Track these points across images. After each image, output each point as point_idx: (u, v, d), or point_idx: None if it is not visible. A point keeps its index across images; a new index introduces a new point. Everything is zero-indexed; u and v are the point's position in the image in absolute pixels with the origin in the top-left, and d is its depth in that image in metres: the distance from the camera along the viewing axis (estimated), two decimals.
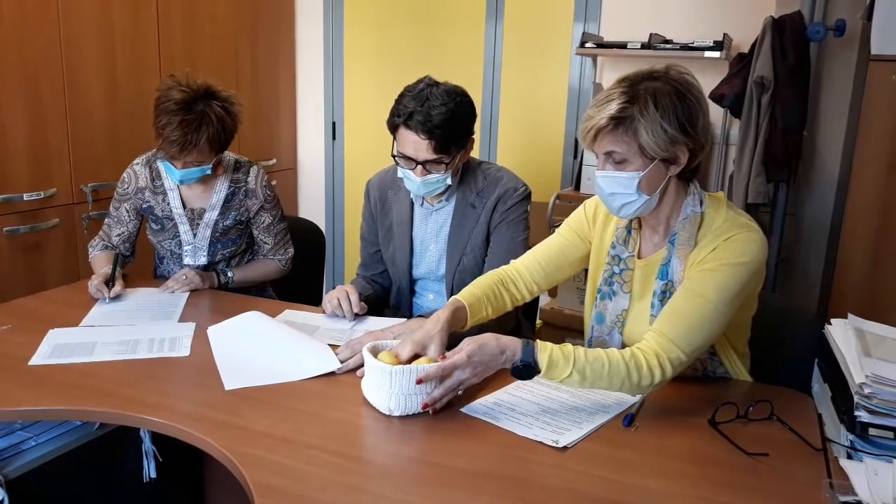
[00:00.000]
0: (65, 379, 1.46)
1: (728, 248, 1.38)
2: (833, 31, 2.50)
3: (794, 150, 2.58)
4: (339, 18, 3.88)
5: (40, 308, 1.89)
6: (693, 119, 1.36)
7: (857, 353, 1.25)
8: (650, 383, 1.32)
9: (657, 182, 1.41)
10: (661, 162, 1.38)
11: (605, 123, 1.36)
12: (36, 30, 2.55)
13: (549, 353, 1.29)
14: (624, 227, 1.56)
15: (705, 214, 1.45)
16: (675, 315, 1.37)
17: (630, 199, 1.41)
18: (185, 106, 1.90)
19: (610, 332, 1.57)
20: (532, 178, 2.08)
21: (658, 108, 1.34)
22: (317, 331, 1.75)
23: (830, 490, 1.09)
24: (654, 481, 1.15)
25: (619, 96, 1.36)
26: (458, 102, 1.74)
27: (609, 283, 1.57)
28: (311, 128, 4.07)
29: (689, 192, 1.47)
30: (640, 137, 1.35)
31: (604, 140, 1.39)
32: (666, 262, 1.46)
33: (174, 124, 1.88)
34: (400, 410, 1.30)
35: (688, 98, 1.36)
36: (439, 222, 1.92)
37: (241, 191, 2.13)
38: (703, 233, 1.44)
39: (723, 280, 1.37)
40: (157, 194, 2.12)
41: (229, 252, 2.18)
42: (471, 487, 1.12)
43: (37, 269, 2.65)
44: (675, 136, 1.35)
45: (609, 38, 3.16)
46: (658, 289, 1.47)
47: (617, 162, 1.39)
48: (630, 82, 1.39)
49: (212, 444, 1.23)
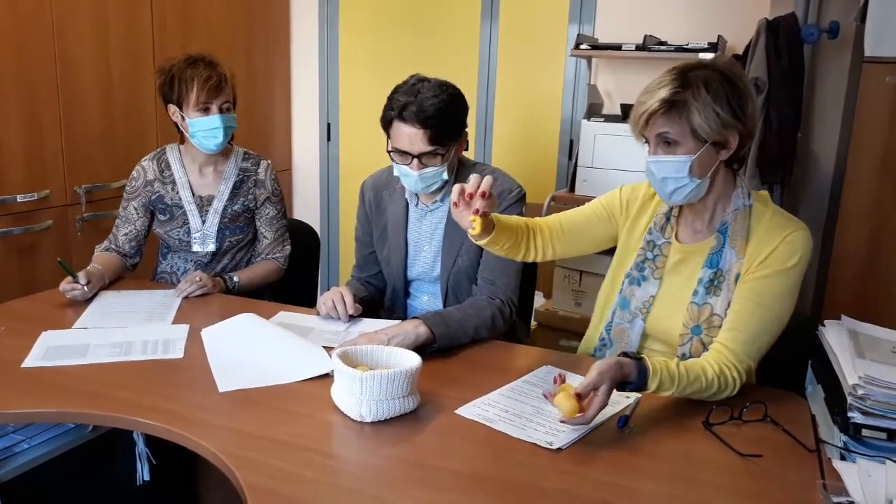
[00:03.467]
0: (58, 381, 1.46)
1: (781, 253, 1.44)
2: (827, 33, 2.51)
3: (789, 152, 2.59)
4: (334, 19, 3.88)
5: (33, 310, 1.88)
6: (744, 104, 1.41)
7: (851, 355, 1.26)
8: (731, 392, 1.40)
9: (708, 166, 1.45)
10: (712, 146, 1.42)
11: (658, 107, 1.41)
12: (30, 31, 2.54)
13: (659, 378, 1.32)
14: (664, 213, 1.60)
15: (753, 207, 1.50)
16: (741, 326, 1.43)
17: (682, 184, 1.45)
18: (195, 60, 2.06)
19: (633, 318, 1.59)
20: (527, 179, 2.08)
21: (710, 93, 1.39)
22: (311, 333, 1.74)
23: (824, 491, 1.09)
24: (649, 483, 1.15)
25: (670, 82, 1.41)
26: (449, 94, 1.76)
27: (640, 269, 1.60)
28: (305, 129, 4.06)
29: (738, 185, 1.51)
30: (693, 120, 1.39)
31: (656, 123, 1.43)
32: (716, 251, 1.50)
33: (199, 68, 2.03)
34: (372, 416, 1.30)
35: (738, 84, 1.41)
36: (434, 223, 1.92)
37: (250, 179, 2.22)
38: (754, 225, 1.48)
39: (780, 286, 1.44)
40: (166, 184, 2.18)
41: (237, 240, 2.22)
42: (465, 489, 1.12)
43: (30, 271, 2.64)
44: (727, 119, 1.39)
45: (604, 39, 3.16)
46: (706, 277, 1.50)
47: (668, 144, 1.43)
48: (679, 70, 1.44)
49: (205, 446, 1.22)
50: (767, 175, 2.62)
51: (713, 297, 1.49)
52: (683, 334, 1.51)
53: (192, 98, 2.04)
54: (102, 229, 2.21)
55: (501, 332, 1.81)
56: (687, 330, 1.51)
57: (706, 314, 1.49)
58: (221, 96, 2.07)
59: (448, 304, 1.90)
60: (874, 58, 2.25)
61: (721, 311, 1.48)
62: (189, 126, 2.07)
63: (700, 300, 1.50)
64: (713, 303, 1.49)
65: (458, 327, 1.67)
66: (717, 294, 1.48)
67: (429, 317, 1.65)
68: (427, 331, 1.60)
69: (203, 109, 2.05)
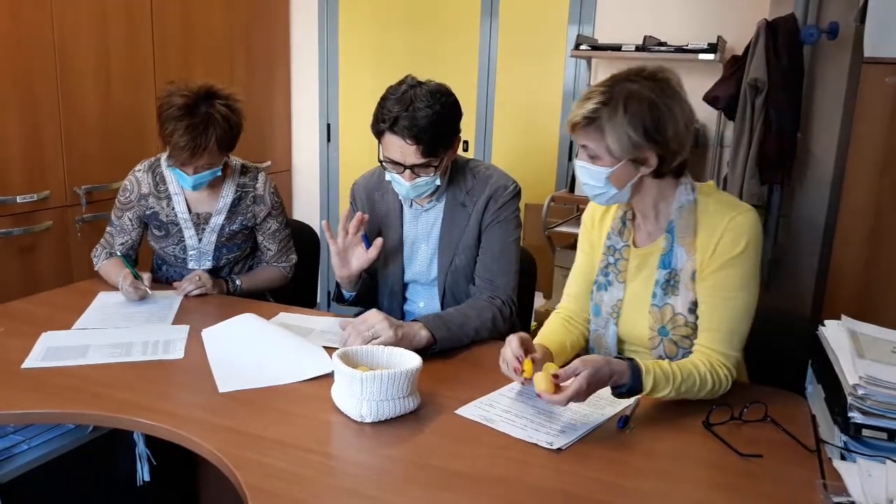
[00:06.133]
0: (58, 382, 1.46)
1: (727, 241, 1.44)
2: (826, 34, 2.51)
3: (788, 152, 2.59)
4: (334, 20, 3.88)
5: (33, 310, 1.88)
6: (661, 127, 1.40)
7: (851, 355, 1.26)
8: (725, 388, 1.42)
9: (626, 178, 1.46)
10: (630, 162, 1.43)
11: (580, 120, 1.43)
12: (30, 31, 2.54)
13: (653, 376, 1.33)
14: (619, 217, 1.61)
15: (697, 200, 1.50)
16: (714, 325, 1.45)
17: (601, 191, 1.48)
18: (188, 110, 1.89)
19: (606, 323, 1.60)
20: (527, 180, 2.08)
21: (627, 114, 1.39)
22: (311, 333, 1.74)
23: (824, 491, 1.09)
24: (649, 483, 1.15)
25: (597, 96, 1.43)
26: (443, 104, 1.70)
27: (605, 274, 1.61)
28: (305, 129, 4.06)
29: (681, 182, 1.51)
30: (606, 139, 1.41)
31: (578, 134, 1.47)
32: (666, 251, 1.50)
33: (181, 130, 1.86)
34: (372, 417, 1.30)
35: (660, 107, 1.40)
36: (429, 222, 1.91)
37: (248, 196, 2.14)
38: (699, 218, 1.48)
39: (736, 276, 1.44)
40: (161, 199, 2.10)
41: (234, 257, 2.18)
42: (466, 490, 1.11)
43: (30, 272, 2.64)
44: (638, 142, 1.40)
45: (604, 40, 3.17)
46: (661, 278, 1.51)
47: (591, 156, 1.46)
48: (612, 82, 1.45)
49: (206, 447, 1.22)
50: (767, 175, 2.62)
51: (672, 297, 1.49)
52: (652, 337, 1.52)
53: (169, 151, 1.93)
54: (102, 230, 2.19)
55: (502, 332, 1.80)
56: (654, 333, 1.51)
57: (668, 315, 1.49)
58: (201, 159, 1.93)
59: (446, 304, 1.90)
60: (874, 58, 2.25)
61: (683, 310, 1.48)
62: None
63: (659, 302, 1.50)
64: (673, 303, 1.49)
65: (459, 330, 1.67)
66: (675, 294, 1.49)
67: (429, 319, 1.65)
68: (428, 334, 1.60)
69: (181, 165, 1.95)
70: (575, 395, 1.26)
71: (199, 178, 1.97)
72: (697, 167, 3.14)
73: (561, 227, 3.20)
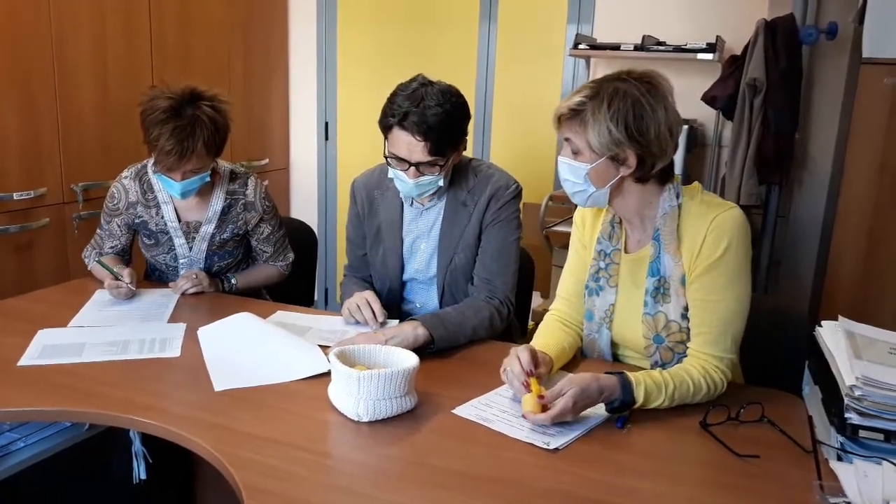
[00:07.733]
0: (54, 380, 1.45)
1: (710, 242, 1.43)
2: (825, 34, 2.51)
3: (786, 153, 2.60)
4: (333, 18, 3.87)
5: (29, 308, 1.87)
6: (642, 126, 1.39)
7: (848, 356, 1.26)
8: (721, 390, 1.42)
9: (606, 177, 1.45)
10: (610, 160, 1.43)
11: (565, 112, 1.44)
12: (27, 28, 2.53)
13: (644, 388, 1.34)
14: (609, 221, 1.60)
15: (682, 205, 1.49)
16: (704, 328, 1.44)
17: (580, 189, 1.48)
18: (173, 113, 1.83)
19: (599, 328, 1.59)
20: (525, 179, 2.07)
21: (610, 109, 1.39)
22: (307, 332, 1.74)
23: (821, 492, 1.10)
24: (646, 483, 1.15)
25: (585, 90, 1.43)
26: (453, 104, 1.71)
27: (595, 279, 1.60)
28: (303, 128, 4.06)
29: (666, 189, 1.50)
30: (588, 132, 1.41)
31: (563, 127, 1.47)
32: (654, 258, 1.49)
33: (167, 134, 1.80)
34: (369, 416, 1.30)
35: (644, 106, 1.39)
36: (430, 221, 1.90)
37: (238, 203, 2.08)
38: (683, 222, 1.48)
39: (721, 277, 1.43)
40: (149, 208, 2.05)
41: (226, 265, 2.16)
42: (462, 489, 1.11)
43: (27, 269, 2.64)
44: (618, 138, 1.39)
45: (602, 39, 3.16)
46: (650, 286, 1.50)
47: (573, 151, 1.46)
48: (602, 80, 1.45)
49: (202, 445, 1.22)
50: (765, 175, 2.63)
51: (664, 304, 1.49)
52: (648, 346, 1.52)
53: (155, 156, 1.87)
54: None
55: (499, 332, 1.80)
56: (649, 341, 1.51)
57: (662, 323, 1.49)
58: (189, 164, 1.87)
59: (445, 302, 1.90)
60: (872, 59, 2.26)
61: (676, 317, 1.47)
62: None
63: (651, 310, 1.50)
64: (666, 311, 1.48)
65: (457, 329, 1.67)
66: (666, 301, 1.48)
67: (427, 318, 1.65)
68: (425, 333, 1.60)
69: (167, 170, 1.88)
70: (560, 415, 1.26)
71: (188, 184, 1.91)
72: (696, 167, 3.14)
73: (559, 226, 3.20)
